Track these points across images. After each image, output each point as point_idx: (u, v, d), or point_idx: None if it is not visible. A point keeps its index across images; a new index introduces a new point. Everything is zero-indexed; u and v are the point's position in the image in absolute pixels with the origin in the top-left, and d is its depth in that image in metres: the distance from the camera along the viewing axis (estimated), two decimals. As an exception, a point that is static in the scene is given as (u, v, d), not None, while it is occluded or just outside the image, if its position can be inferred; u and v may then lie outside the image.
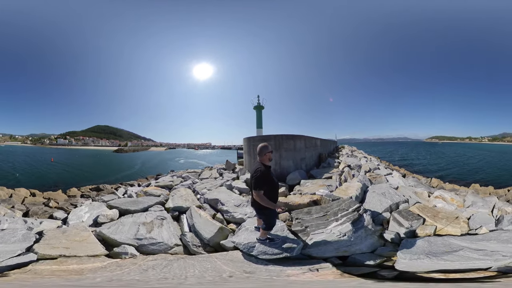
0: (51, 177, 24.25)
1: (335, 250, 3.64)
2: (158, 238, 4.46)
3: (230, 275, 3.19)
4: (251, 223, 4.66)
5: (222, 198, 6.09)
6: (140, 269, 3.44)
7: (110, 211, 5.52)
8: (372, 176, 9.06)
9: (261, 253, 3.69)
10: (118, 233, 4.49)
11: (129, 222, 4.88)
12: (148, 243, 4.36)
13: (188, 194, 6.66)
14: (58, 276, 3.17)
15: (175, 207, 5.85)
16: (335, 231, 3.71)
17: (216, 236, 4.48)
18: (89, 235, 4.40)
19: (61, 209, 7.38)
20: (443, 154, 55.97)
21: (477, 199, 5.71)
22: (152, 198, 6.49)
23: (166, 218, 5.21)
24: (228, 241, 4.33)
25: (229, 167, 12.22)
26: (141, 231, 4.56)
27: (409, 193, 6.02)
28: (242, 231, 4.48)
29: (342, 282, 3.02)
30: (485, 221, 4.21)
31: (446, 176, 21.16)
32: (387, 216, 4.62)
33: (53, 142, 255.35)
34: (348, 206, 4.37)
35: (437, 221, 4.25)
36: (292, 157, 9.45)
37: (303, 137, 10.45)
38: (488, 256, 3.12)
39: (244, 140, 11.14)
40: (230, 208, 5.62)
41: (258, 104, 21.29)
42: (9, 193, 10.29)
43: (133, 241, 4.36)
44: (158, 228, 4.76)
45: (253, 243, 3.86)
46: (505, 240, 3.42)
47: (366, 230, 3.83)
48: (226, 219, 5.43)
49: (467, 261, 3.08)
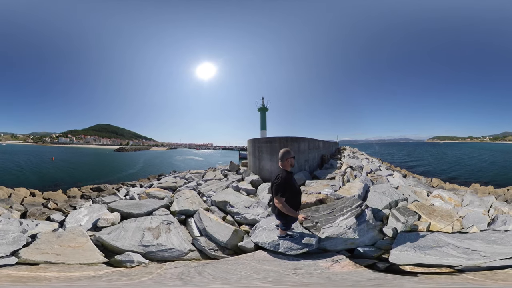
0: (51, 176, 24.05)
1: (344, 243, 3.96)
2: (168, 244, 4.25)
3: (287, 273, 3.21)
4: (266, 222, 4.67)
5: (230, 200, 6.00)
6: (165, 278, 3.17)
7: (111, 214, 5.21)
8: (373, 176, 9.25)
9: (288, 249, 3.88)
10: (121, 239, 4.23)
11: (132, 227, 4.60)
12: (157, 249, 4.13)
13: (194, 197, 6.49)
14: (24, 283, 2.82)
15: (182, 210, 5.65)
16: (342, 224, 4.06)
17: (233, 239, 4.44)
18: (86, 241, 4.12)
19: (59, 210, 7.05)
20: (445, 154, 55.95)
21: (474, 198, 5.84)
22: (156, 201, 6.23)
23: (173, 222, 4.96)
24: (247, 242, 4.34)
25: (233, 168, 12.08)
26: (147, 237, 4.31)
27: (408, 192, 6.29)
28: (260, 231, 4.47)
29: (366, 273, 3.21)
30: (479, 220, 4.34)
31: (447, 176, 21.22)
32: (386, 212, 4.95)
33: (55, 141, 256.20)
34: (352, 203, 4.73)
35: (432, 218, 4.48)
36: (296, 159, 9.36)
37: (307, 139, 10.57)
38: (466, 254, 3.27)
39: (248, 141, 11.01)
40: (240, 210, 5.57)
41: (262, 105, 21.04)
42: (9, 193, 10.07)
43: (139, 248, 4.09)
44: (165, 233, 4.52)
45: (276, 241, 4.00)
46: (491, 241, 3.53)
47: (367, 224, 4.19)
48: (237, 221, 5.40)
49: (442, 257, 3.28)
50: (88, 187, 13.28)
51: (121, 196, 8.30)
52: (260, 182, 8.54)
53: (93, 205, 6.30)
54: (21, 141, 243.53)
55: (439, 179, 15.36)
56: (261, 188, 7.74)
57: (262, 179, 8.85)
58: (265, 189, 7.39)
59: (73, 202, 8.54)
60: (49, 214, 6.14)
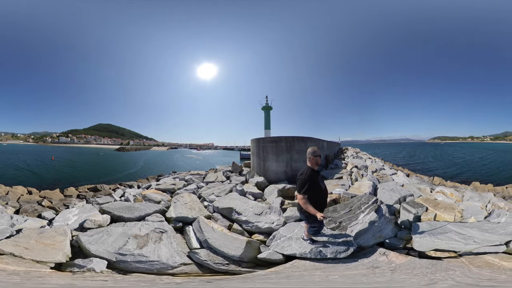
0: (50, 175, 23.83)
1: (373, 237, 4.13)
2: (152, 256, 3.85)
3: (374, 273, 3.15)
4: (288, 231, 4.41)
5: (237, 206, 5.47)
6: None
7: (100, 216, 5.01)
8: (379, 175, 9.62)
9: (336, 253, 3.76)
10: (99, 244, 3.95)
11: (118, 232, 4.31)
12: (134, 260, 3.74)
13: (193, 201, 6.01)
14: None
15: (179, 217, 5.18)
16: (366, 220, 4.26)
17: (248, 252, 4.06)
18: (62, 241, 4.01)
19: (52, 208, 7.00)
20: (446, 155, 55.78)
21: (474, 195, 6.33)
22: (150, 205, 5.83)
23: (167, 231, 4.55)
24: (271, 253, 3.95)
25: (235, 169, 11.50)
26: (130, 245, 3.96)
27: (414, 189, 6.87)
28: (284, 240, 4.15)
29: (417, 261, 3.48)
30: (477, 212, 4.91)
31: (449, 175, 21.40)
32: (397, 207, 5.39)
33: (55, 140, 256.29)
34: (368, 199, 4.94)
35: (437, 209, 5.06)
36: (303, 159, 9.01)
37: (313, 139, 10.43)
38: (464, 239, 3.82)
39: (252, 141, 10.55)
40: (250, 217, 5.07)
41: (266, 104, 20.57)
42: (6, 191, 10.24)
43: (112, 255, 3.76)
44: (154, 243, 4.11)
45: (316, 248, 3.85)
46: (484, 230, 4.05)
47: (385, 218, 4.50)
48: (247, 230, 4.94)
49: (449, 241, 3.82)
50: (86, 187, 13.00)
51: (116, 197, 7.97)
52: (265, 184, 8.19)
53: (86, 205, 6.17)
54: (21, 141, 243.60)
55: (440, 178, 15.67)
56: (268, 191, 7.35)
57: (268, 180, 8.48)
58: (273, 192, 6.99)
59: (67, 201, 8.45)
60: (40, 212, 6.16)
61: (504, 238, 3.72)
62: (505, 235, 3.78)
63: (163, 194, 7.22)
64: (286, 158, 8.83)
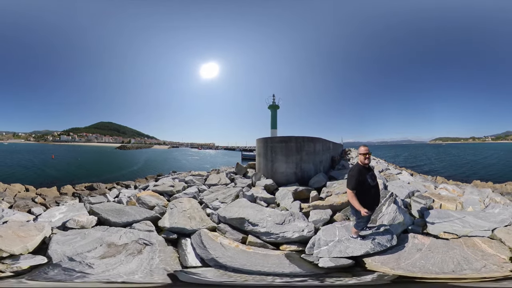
0: (50, 174, 23.86)
1: (398, 226, 4.51)
2: (101, 269, 3.26)
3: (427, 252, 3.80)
4: (329, 235, 4.22)
5: (250, 216, 4.73)
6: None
7: (85, 217, 4.82)
8: (385, 175, 10.11)
9: (388, 241, 3.98)
10: (65, 245, 3.74)
11: (95, 236, 4.02)
12: (79, 269, 3.24)
13: (193, 209, 5.33)
14: None
15: (174, 228, 4.56)
16: (390, 211, 4.69)
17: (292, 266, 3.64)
18: (36, 235, 3.94)
19: (43, 205, 7.01)
20: (448, 155, 55.65)
21: (474, 190, 7.09)
22: (142, 211, 5.34)
23: (153, 244, 3.97)
24: (324, 261, 3.68)
25: (240, 171, 10.64)
26: (93, 253, 3.58)
27: (419, 186, 7.57)
28: (335, 244, 3.98)
29: (438, 241, 4.12)
30: (474, 203, 5.69)
31: (450, 175, 21.83)
32: (408, 201, 6.05)
33: (56, 139, 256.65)
34: (384, 194, 5.21)
35: (442, 201, 5.85)
36: (312, 160, 8.84)
37: (321, 140, 10.22)
38: (462, 223, 4.57)
39: (258, 141, 9.81)
40: (271, 228, 4.44)
41: (273, 103, 19.99)
42: (4, 188, 10.46)
43: (63, 258, 3.47)
44: (126, 256, 3.54)
45: (373, 240, 3.94)
46: (478, 217, 4.76)
47: (401, 209, 4.95)
48: (271, 242, 4.38)
49: (453, 225, 4.55)
50: (83, 185, 12.63)
51: (110, 198, 7.49)
52: (274, 187, 7.64)
53: (76, 204, 6.09)
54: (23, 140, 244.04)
55: (443, 177, 16.31)
56: (280, 195, 6.74)
57: (277, 183, 7.88)
58: (286, 196, 6.43)
59: (60, 199, 8.34)
60: (31, 207, 6.25)
61: (492, 225, 4.39)
62: (494, 223, 4.50)
63: (160, 198, 6.65)
64: (296, 159, 8.41)
